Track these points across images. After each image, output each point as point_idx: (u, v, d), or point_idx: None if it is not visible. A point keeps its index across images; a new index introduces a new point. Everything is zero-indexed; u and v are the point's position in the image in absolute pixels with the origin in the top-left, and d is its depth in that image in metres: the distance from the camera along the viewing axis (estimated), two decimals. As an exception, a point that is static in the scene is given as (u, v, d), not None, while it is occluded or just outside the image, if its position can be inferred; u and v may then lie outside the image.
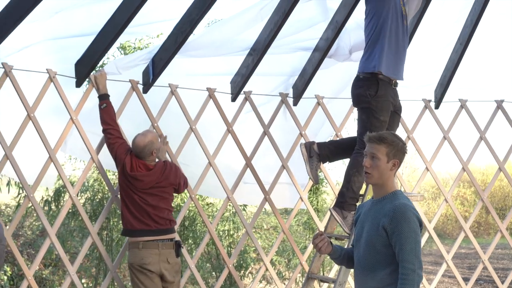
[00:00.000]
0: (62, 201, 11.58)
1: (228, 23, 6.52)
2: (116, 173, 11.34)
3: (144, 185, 5.74)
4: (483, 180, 20.78)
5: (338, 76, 7.42)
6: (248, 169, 6.99)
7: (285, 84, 7.35)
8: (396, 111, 6.00)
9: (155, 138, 5.85)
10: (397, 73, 5.89)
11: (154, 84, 6.46)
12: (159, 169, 5.83)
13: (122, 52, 12.37)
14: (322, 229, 7.04)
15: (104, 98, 5.97)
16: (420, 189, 12.86)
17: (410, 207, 3.81)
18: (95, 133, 6.12)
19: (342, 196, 5.88)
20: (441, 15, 7.20)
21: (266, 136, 7.11)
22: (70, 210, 10.80)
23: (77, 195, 6.84)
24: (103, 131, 5.93)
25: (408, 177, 21.53)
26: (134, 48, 12.30)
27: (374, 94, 5.73)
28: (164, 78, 6.47)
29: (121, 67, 6.25)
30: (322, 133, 7.63)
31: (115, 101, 6.24)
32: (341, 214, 5.82)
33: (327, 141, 6.82)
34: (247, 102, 7.05)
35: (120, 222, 12.41)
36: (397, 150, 3.91)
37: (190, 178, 6.66)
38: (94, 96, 6.12)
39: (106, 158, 6.28)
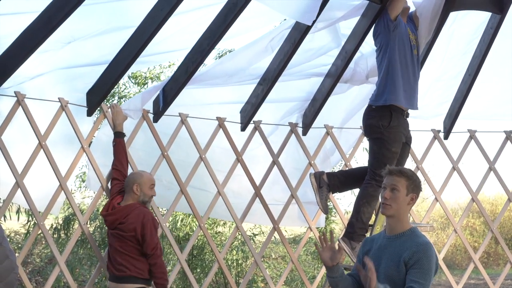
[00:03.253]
0: (71, 229, 11.61)
1: (239, 55, 6.57)
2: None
3: (108, 224, 5.66)
4: (492, 210, 20.63)
5: (348, 102, 7.45)
6: (257, 198, 7.00)
7: (295, 111, 7.37)
8: (406, 142, 6.02)
9: (140, 176, 5.73)
10: (411, 103, 5.92)
11: (165, 113, 6.52)
12: (122, 209, 5.60)
13: (133, 81, 12.49)
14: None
15: (116, 136, 6.03)
16: (429, 219, 12.80)
17: (431, 246, 3.86)
18: (109, 166, 6.20)
19: (351, 226, 5.87)
20: (450, 47, 7.24)
21: (275, 166, 7.12)
22: (79, 238, 10.82)
23: (87, 223, 6.87)
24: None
25: (417, 206, 21.45)
26: (145, 77, 12.42)
27: (387, 125, 5.74)
28: (175, 107, 6.53)
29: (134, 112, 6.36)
30: (331, 163, 7.63)
31: (126, 130, 6.31)
32: (350, 244, 5.80)
33: (336, 171, 6.83)
34: (257, 132, 7.08)
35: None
36: (415, 185, 3.96)
37: (206, 204, 6.70)
38: (105, 126, 6.18)
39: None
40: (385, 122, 5.74)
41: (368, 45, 6.71)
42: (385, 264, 3.90)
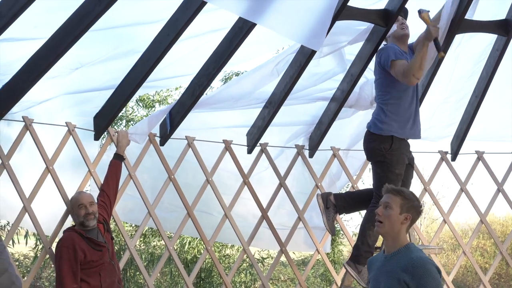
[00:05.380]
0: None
1: (245, 79, 6.62)
2: (133, 225, 11.41)
3: None
4: (503, 231, 20.50)
5: (354, 127, 7.46)
6: (265, 221, 6.99)
7: (301, 134, 7.39)
8: (409, 163, 6.02)
9: (71, 200, 5.72)
10: (408, 132, 5.87)
11: (171, 137, 6.55)
12: None
13: (141, 104, 12.56)
14: (339, 282, 7.00)
15: (114, 157, 6.04)
16: (439, 240, 12.73)
17: (427, 259, 3.82)
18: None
19: (357, 249, 5.86)
20: (456, 69, 7.25)
21: (282, 188, 7.12)
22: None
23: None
24: None
25: (427, 228, 21.34)
26: (153, 100, 12.48)
27: (389, 147, 5.74)
28: (181, 130, 6.56)
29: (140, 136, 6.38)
30: (337, 187, 7.63)
31: (133, 154, 6.34)
32: (356, 268, 5.78)
33: (343, 192, 6.81)
34: (263, 154, 7.09)
35: (137, 273, 12.49)
36: (412, 206, 3.97)
37: (211, 228, 6.71)
38: (112, 150, 6.21)
39: (122, 210, 6.36)
40: (387, 145, 5.74)
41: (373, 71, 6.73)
42: (385, 284, 3.89)
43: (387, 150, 5.74)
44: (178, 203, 6.64)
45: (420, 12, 5.62)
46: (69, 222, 6.14)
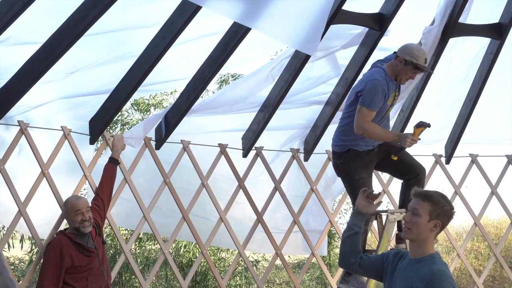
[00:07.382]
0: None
1: (241, 85, 6.66)
2: (129, 229, 11.41)
3: None
4: (497, 233, 20.50)
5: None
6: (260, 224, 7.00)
7: (296, 138, 7.41)
8: (390, 152, 5.78)
9: (65, 204, 5.64)
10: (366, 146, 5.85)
11: (167, 141, 6.56)
12: None
13: (136, 108, 12.55)
14: (334, 286, 7.02)
15: (109, 161, 6.04)
16: (433, 243, 12.68)
17: (449, 276, 3.58)
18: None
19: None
20: (450, 72, 7.28)
21: (277, 192, 7.14)
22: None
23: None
24: None
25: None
26: (148, 104, 12.48)
27: (344, 161, 5.76)
28: (177, 134, 6.57)
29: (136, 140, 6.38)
30: (333, 192, 7.64)
31: (128, 158, 6.34)
32: (345, 282, 5.79)
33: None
34: (258, 158, 7.11)
35: (133, 276, 12.49)
36: (441, 212, 3.66)
37: (207, 232, 6.71)
38: (107, 154, 6.22)
39: (118, 215, 6.36)
40: (342, 159, 5.77)
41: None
42: (399, 286, 3.73)
43: (344, 164, 5.76)
44: (174, 207, 6.65)
45: (420, 125, 5.62)
46: (64, 226, 6.15)
